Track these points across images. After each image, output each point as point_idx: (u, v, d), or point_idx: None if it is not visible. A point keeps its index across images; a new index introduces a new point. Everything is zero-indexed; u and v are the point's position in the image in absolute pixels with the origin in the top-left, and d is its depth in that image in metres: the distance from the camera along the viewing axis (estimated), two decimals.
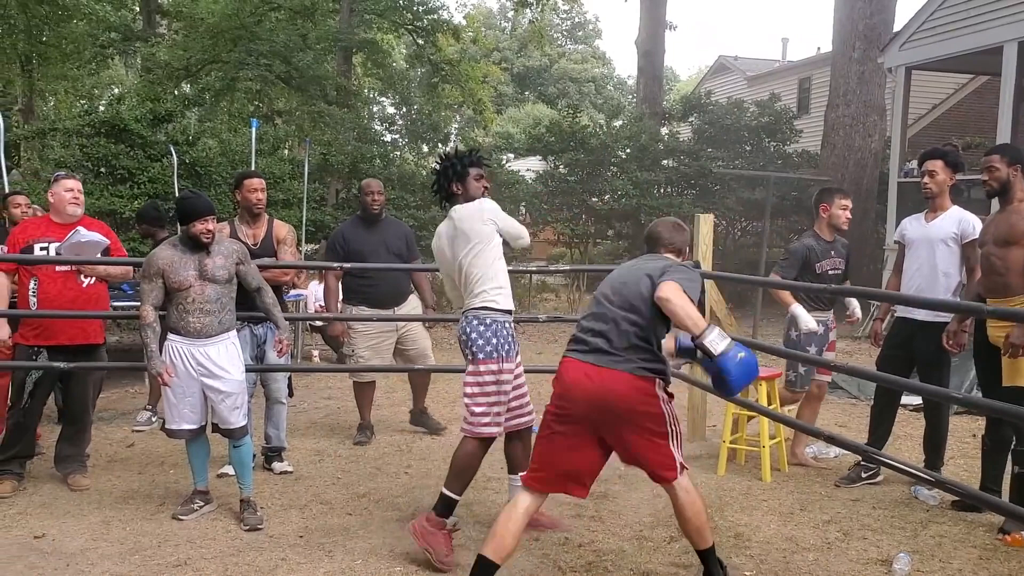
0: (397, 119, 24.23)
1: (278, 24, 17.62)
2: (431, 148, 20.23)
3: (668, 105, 17.39)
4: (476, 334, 3.50)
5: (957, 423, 5.74)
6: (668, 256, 3.25)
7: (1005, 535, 3.77)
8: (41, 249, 4.36)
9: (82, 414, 4.59)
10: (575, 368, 3.01)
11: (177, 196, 5.54)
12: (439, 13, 18.97)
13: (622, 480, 4.50)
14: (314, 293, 8.72)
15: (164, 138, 10.01)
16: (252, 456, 4.12)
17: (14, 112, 16.69)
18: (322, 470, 4.86)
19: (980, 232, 4.17)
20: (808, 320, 4.65)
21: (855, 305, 5.02)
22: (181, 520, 3.94)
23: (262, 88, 16.91)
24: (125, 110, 10.30)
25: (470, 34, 23.10)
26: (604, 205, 13.00)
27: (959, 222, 4.40)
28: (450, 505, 3.54)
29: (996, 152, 4.00)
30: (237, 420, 3.95)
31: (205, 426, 4.02)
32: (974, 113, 15.45)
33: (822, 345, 4.89)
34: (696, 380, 5.14)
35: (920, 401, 5.81)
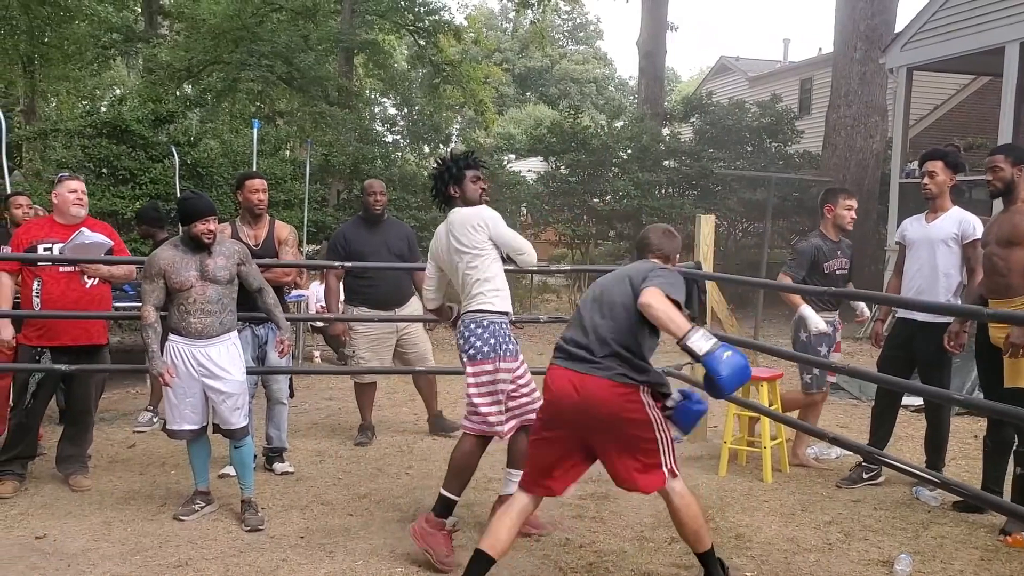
0: (398, 120, 24.21)
1: (280, 25, 17.63)
2: (432, 149, 20.23)
3: (669, 106, 17.40)
4: (474, 336, 3.52)
5: (958, 424, 5.73)
6: (654, 261, 3.25)
7: (1006, 536, 3.77)
8: (45, 250, 4.36)
9: (84, 415, 4.59)
10: (560, 376, 3.04)
11: (179, 197, 5.55)
12: (440, 14, 18.97)
13: None
14: (315, 294, 8.71)
15: (166, 139, 10.02)
16: (253, 457, 4.12)
17: (16, 113, 16.69)
18: (323, 471, 4.87)
19: (983, 232, 4.17)
20: (818, 321, 4.63)
21: (862, 305, 5.03)
22: (182, 521, 3.95)
23: (263, 89, 16.94)
24: (127, 111, 10.31)
25: (471, 35, 23.08)
26: (605, 206, 13.00)
27: (959, 223, 4.39)
28: (449, 506, 3.55)
29: (1000, 152, 3.99)
30: (238, 421, 3.96)
31: (206, 427, 4.03)
32: (976, 114, 15.44)
33: (830, 346, 4.88)
34: (696, 381, 5.13)
35: (921, 402, 5.81)
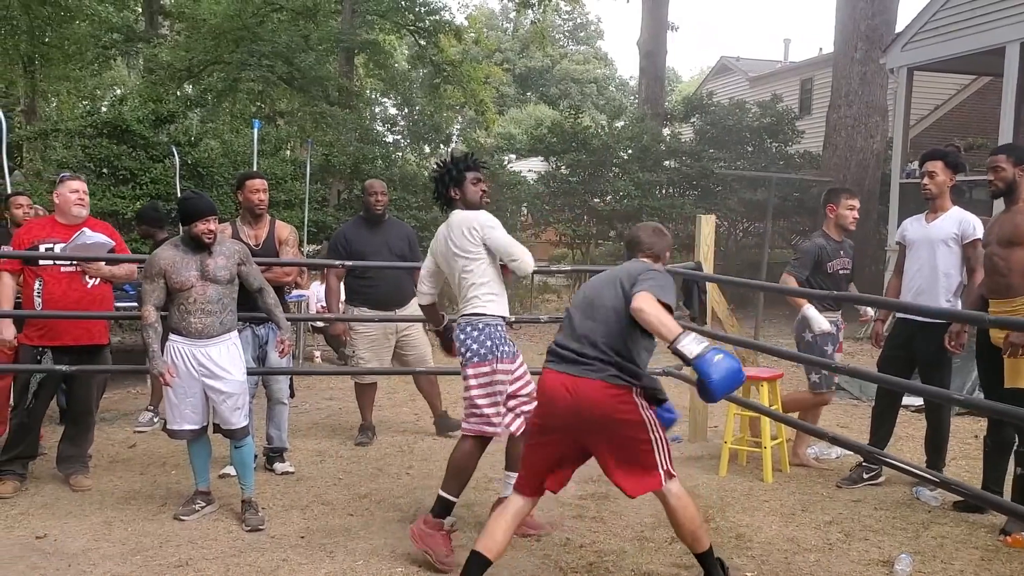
0: (399, 120, 24.21)
1: (280, 25, 17.64)
2: (433, 149, 20.24)
3: (670, 106, 17.40)
4: (470, 339, 3.56)
5: (959, 424, 5.73)
6: (644, 261, 3.25)
7: (1006, 536, 3.76)
8: (47, 250, 4.37)
9: (85, 415, 4.59)
10: (553, 379, 3.05)
11: (179, 197, 5.55)
12: (441, 14, 18.99)
13: None
14: (316, 294, 8.71)
15: (166, 139, 10.02)
16: (254, 457, 4.12)
17: (17, 113, 16.69)
18: (324, 471, 4.87)
19: (984, 232, 4.17)
20: (821, 321, 4.61)
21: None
22: (183, 520, 3.95)
23: (264, 89, 16.94)
24: (127, 111, 10.31)
25: (472, 35, 23.10)
26: (606, 206, 13.00)
27: (959, 223, 4.39)
28: (447, 507, 3.57)
29: (1002, 152, 3.98)
30: (238, 421, 3.96)
31: (207, 427, 4.03)
32: (976, 114, 15.43)
33: (835, 345, 4.87)
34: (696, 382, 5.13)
35: (922, 402, 5.81)
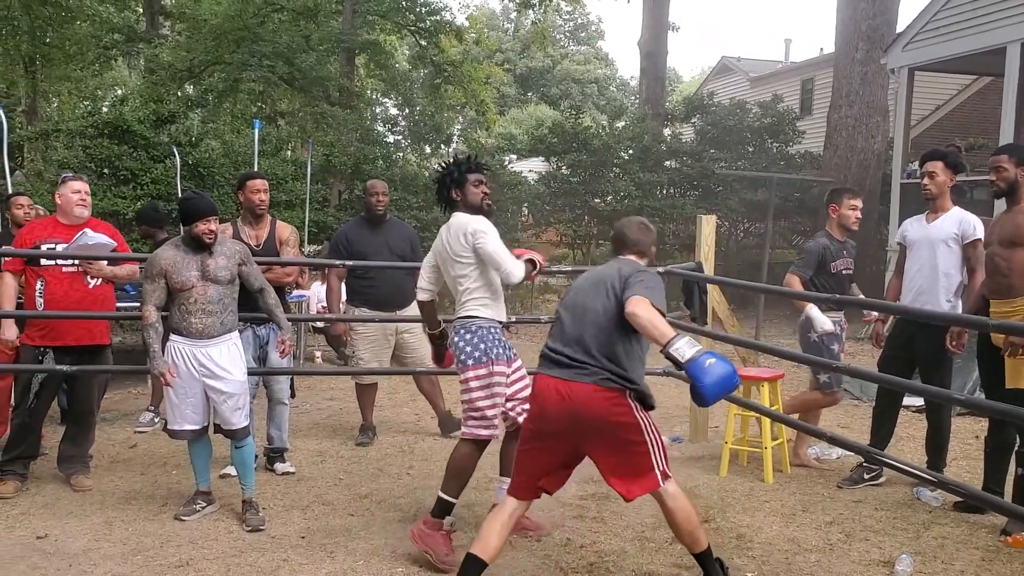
0: (400, 120, 24.26)
1: (281, 25, 17.65)
2: (434, 149, 20.27)
3: (671, 106, 17.39)
4: (464, 342, 3.58)
5: (960, 424, 5.73)
6: (631, 259, 3.25)
7: (1007, 536, 3.76)
8: (48, 250, 4.37)
9: (87, 415, 4.60)
10: (547, 384, 3.05)
11: (180, 197, 5.56)
12: (442, 14, 18.99)
13: None
14: (316, 294, 8.71)
15: (167, 139, 10.03)
16: (254, 457, 4.13)
17: (18, 113, 16.67)
18: (324, 471, 4.87)
19: (986, 232, 4.17)
20: (824, 321, 4.60)
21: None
22: (183, 521, 3.95)
23: (265, 89, 16.95)
24: (128, 111, 10.31)
25: (473, 35, 23.10)
26: (607, 206, 12.99)
27: (960, 223, 4.39)
28: (447, 508, 3.59)
29: (1004, 152, 3.97)
30: (239, 421, 3.96)
31: (207, 427, 4.03)
32: (977, 114, 15.42)
33: (840, 344, 4.86)
34: None
35: (922, 402, 5.81)
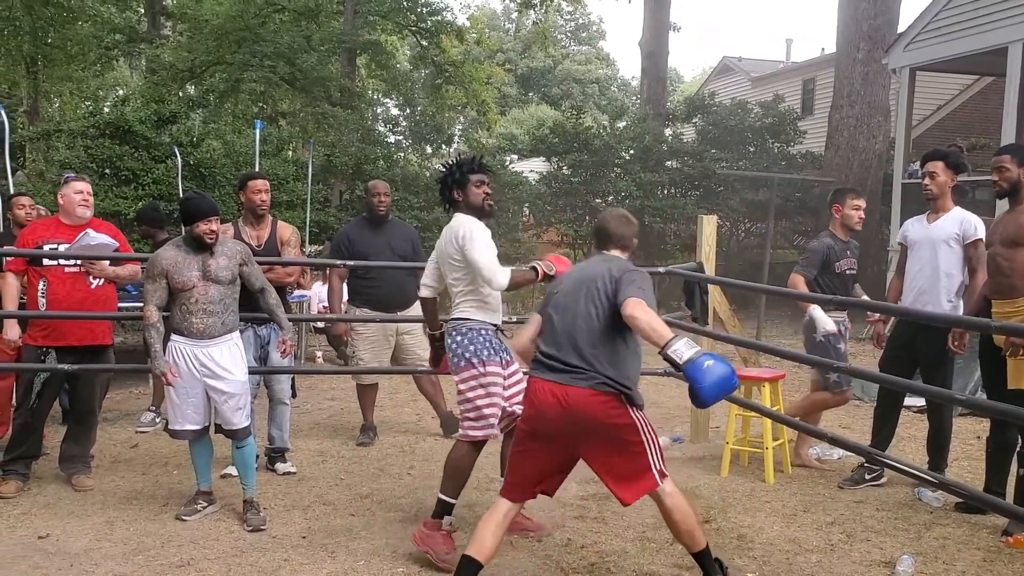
0: (401, 120, 24.24)
1: (282, 25, 17.65)
2: (435, 149, 20.26)
3: (672, 106, 17.38)
4: (456, 344, 3.60)
5: (962, 425, 5.73)
6: (615, 255, 3.24)
7: (1008, 537, 3.76)
8: (51, 250, 4.37)
9: (88, 414, 4.61)
10: (543, 388, 3.04)
11: (181, 197, 5.56)
12: (443, 15, 18.99)
13: None
14: (317, 294, 8.72)
15: (168, 139, 10.02)
16: (255, 457, 4.13)
17: (19, 113, 16.69)
18: (325, 471, 4.87)
19: (988, 232, 4.16)
20: (827, 322, 4.59)
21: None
22: (184, 521, 3.96)
23: (266, 89, 16.95)
24: (130, 111, 10.31)
25: (474, 35, 23.10)
26: (608, 206, 12.98)
27: (961, 223, 4.39)
28: (446, 508, 3.61)
29: (1007, 152, 3.96)
30: (240, 421, 3.96)
31: (208, 427, 4.03)
32: (979, 114, 15.40)
33: (845, 343, 4.85)
34: None
35: (924, 403, 5.80)
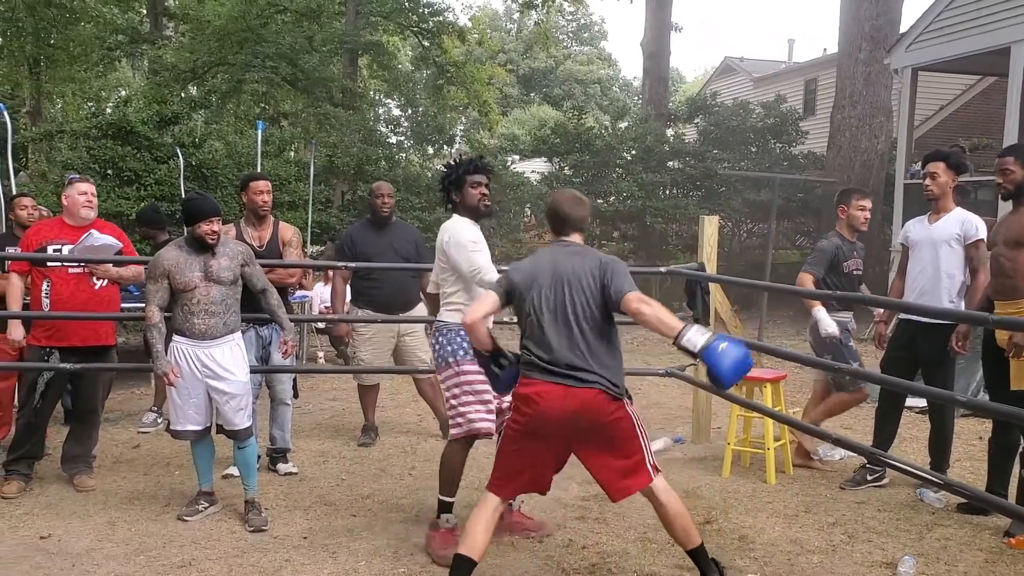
0: (402, 121, 24.23)
1: (284, 26, 17.66)
2: (436, 150, 20.25)
3: (674, 106, 17.38)
4: (437, 344, 3.66)
5: (964, 425, 5.72)
6: (575, 240, 3.25)
7: (1010, 538, 3.75)
8: (55, 251, 4.39)
9: (91, 414, 4.62)
10: (544, 391, 3.03)
11: (183, 197, 5.57)
12: (445, 15, 19.01)
13: None
14: (319, 295, 8.73)
15: (171, 140, 10.02)
16: (257, 457, 4.14)
17: (22, 114, 16.73)
18: (326, 471, 4.87)
19: (991, 233, 4.15)
20: (830, 323, 4.56)
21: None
22: (186, 521, 3.96)
23: (268, 90, 16.96)
24: (132, 112, 10.31)
25: (476, 36, 23.10)
26: (609, 207, 12.98)
27: (962, 223, 4.39)
28: (445, 508, 3.67)
29: (1011, 154, 3.95)
30: (242, 421, 3.97)
31: (210, 427, 4.04)
32: (981, 114, 15.38)
33: (850, 342, 4.85)
34: (700, 382, 5.13)
35: (926, 403, 5.79)
